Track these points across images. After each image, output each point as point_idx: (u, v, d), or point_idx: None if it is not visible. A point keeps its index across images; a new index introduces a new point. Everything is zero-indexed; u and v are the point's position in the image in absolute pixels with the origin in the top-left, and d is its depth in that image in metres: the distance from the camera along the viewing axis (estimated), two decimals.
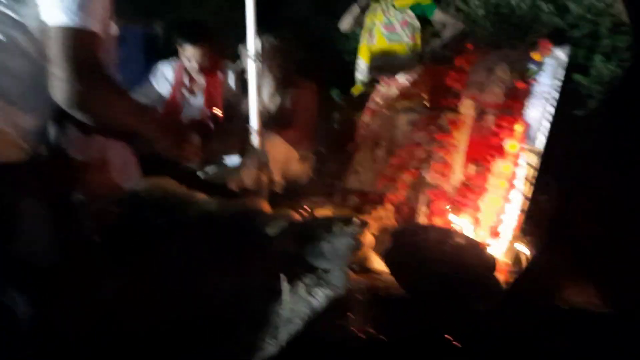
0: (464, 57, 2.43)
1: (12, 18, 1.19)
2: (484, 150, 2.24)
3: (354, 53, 5.67)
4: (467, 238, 1.65)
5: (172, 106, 3.00)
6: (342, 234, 1.71)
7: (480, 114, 2.31)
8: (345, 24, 3.98)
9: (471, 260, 1.52)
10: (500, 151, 2.16)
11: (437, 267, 1.51)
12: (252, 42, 2.34)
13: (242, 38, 2.70)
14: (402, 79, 2.78)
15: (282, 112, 2.96)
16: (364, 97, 3.14)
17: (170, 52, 3.12)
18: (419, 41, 3.73)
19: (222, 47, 3.12)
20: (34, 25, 1.19)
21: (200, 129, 2.98)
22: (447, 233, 1.61)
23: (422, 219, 2.34)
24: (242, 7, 2.33)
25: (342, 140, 2.95)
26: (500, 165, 2.16)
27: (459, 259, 1.51)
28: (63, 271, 1.41)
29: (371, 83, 3.41)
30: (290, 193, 2.43)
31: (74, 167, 1.46)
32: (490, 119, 2.25)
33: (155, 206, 2.21)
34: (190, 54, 2.85)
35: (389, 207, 2.42)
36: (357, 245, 1.72)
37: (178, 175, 2.66)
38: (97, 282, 1.47)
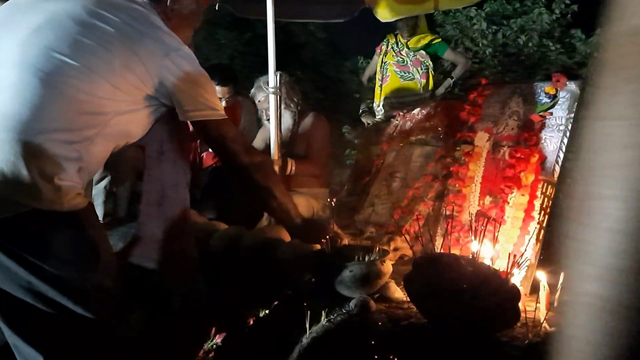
0: (478, 91, 2.49)
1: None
2: (500, 182, 2.27)
3: (362, 92, 5.78)
4: (489, 267, 1.65)
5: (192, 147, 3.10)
6: (363, 262, 1.73)
7: (495, 146, 2.35)
8: (367, 74, 4.16)
9: (495, 289, 1.52)
10: (516, 182, 2.18)
11: (459, 296, 1.51)
12: (273, 77, 2.43)
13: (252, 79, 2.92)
14: (417, 113, 2.84)
15: (298, 144, 3.02)
16: (378, 131, 3.21)
17: None
18: (430, 79, 3.82)
19: (240, 87, 3.28)
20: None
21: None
22: (470, 262, 1.62)
23: (440, 250, 2.35)
24: (256, 53, 2.49)
25: (357, 173, 2.99)
26: (516, 196, 2.18)
27: (482, 288, 1.51)
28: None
29: (386, 118, 3.48)
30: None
31: None
32: (505, 151, 2.28)
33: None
34: (218, 95, 3.00)
35: (406, 238, 2.44)
36: (378, 273, 1.74)
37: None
38: None
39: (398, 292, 1.84)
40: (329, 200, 3.01)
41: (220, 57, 7.62)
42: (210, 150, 3.09)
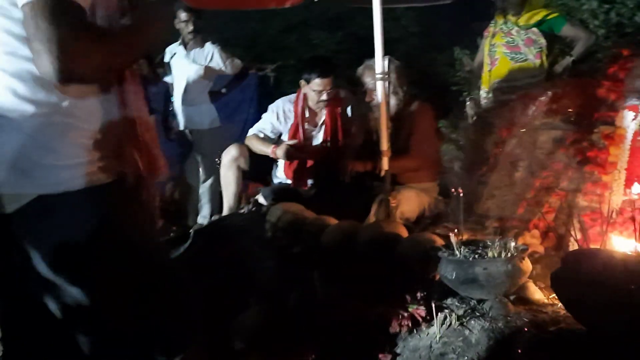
0: (619, 64, 2.17)
1: None
2: None
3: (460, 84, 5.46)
4: None
5: (296, 137, 3.03)
6: (500, 259, 1.53)
7: None
8: (478, 61, 3.88)
9: None
10: None
11: (626, 298, 1.27)
12: (380, 61, 2.29)
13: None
14: (540, 94, 2.55)
15: (403, 135, 2.86)
16: (491, 119, 2.95)
17: (280, 93, 3.24)
18: (545, 59, 3.47)
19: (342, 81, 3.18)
20: None
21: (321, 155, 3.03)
22: (633, 259, 1.36)
23: (575, 246, 2.08)
24: (348, 50, 2.37)
25: (471, 164, 2.76)
26: None
27: None
28: None
29: (498, 105, 3.21)
30: (424, 224, 2.31)
31: None
32: None
33: (288, 232, 2.19)
34: (319, 87, 2.91)
35: (535, 233, 2.19)
36: (518, 272, 1.53)
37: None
38: None
39: (538, 293, 1.61)
40: (438, 194, 2.81)
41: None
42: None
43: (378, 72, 2.41)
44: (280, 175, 3.09)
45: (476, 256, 1.57)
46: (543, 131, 2.40)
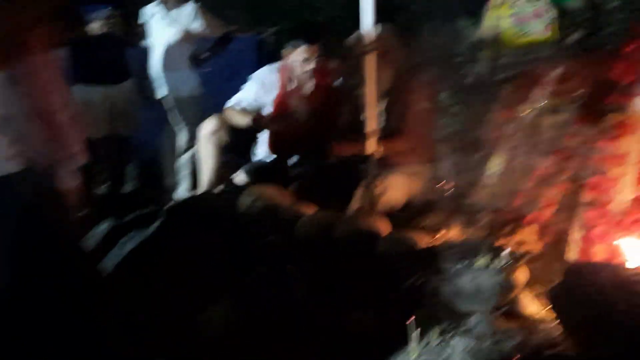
0: (635, 42, 1.93)
1: None
2: None
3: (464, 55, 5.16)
4: None
5: (281, 108, 2.80)
6: (489, 269, 1.33)
7: None
8: (481, 33, 3.57)
9: None
10: None
11: (629, 320, 1.09)
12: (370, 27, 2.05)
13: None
14: (546, 73, 2.31)
15: (396, 114, 2.64)
16: (491, 97, 2.72)
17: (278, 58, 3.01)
18: (555, 32, 3.20)
19: (334, 48, 2.93)
20: None
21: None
22: None
23: (576, 246, 1.89)
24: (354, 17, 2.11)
25: (466, 147, 2.54)
26: None
27: None
28: None
29: (502, 82, 2.96)
30: (412, 212, 2.10)
31: None
32: None
33: (260, 221, 1.99)
34: (306, 55, 2.67)
35: (532, 229, 1.99)
36: (509, 284, 1.34)
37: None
38: None
39: (533, 306, 1.42)
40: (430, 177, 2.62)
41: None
42: None
43: (366, 40, 2.17)
44: (261, 152, 2.88)
45: (464, 264, 1.37)
46: (547, 115, 2.18)
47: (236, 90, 3.09)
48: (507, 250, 1.43)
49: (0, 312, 0.99)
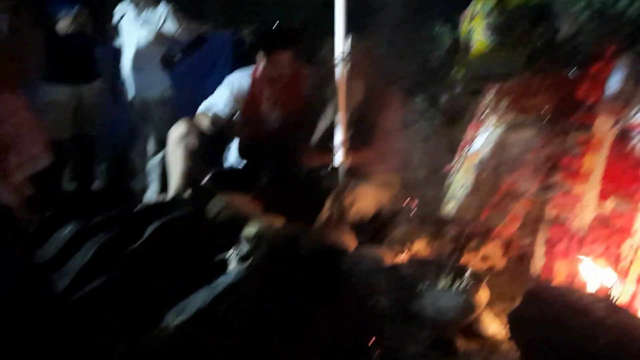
0: (600, 63, 1.96)
1: None
2: (628, 182, 1.77)
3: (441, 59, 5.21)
4: (630, 314, 1.21)
5: (251, 114, 2.76)
6: (451, 291, 1.33)
7: (623, 134, 1.84)
8: (454, 43, 3.58)
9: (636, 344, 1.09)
10: None
11: (589, 348, 1.10)
12: (341, 41, 2.03)
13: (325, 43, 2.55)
14: (515, 87, 2.34)
15: (366, 124, 2.63)
16: (462, 110, 2.73)
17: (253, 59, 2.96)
18: (530, 44, 3.23)
19: (307, 54, 2.90)
20: None
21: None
22: (609, 306, 1.18)
23: (539, 262, 1.92)
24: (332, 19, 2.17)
25: (436, 159, 2.55)
26: None
27: (619, 341, 1.08)
28: None
29: (471, 94, 2.98)
30: (379, 225, 2.10)
31: None
32: (638, 143, 1.77)
33: (227, 231, 1.95)
34: (278, 61, 2.61)
35: (497, 244, 2.01)
36: (470, 307, 1.35)
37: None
38: None
39: (493, 326, 1.43)
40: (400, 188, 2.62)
41: (291, 23, 7.19)
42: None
43: (338, 53, 2.15)
44: (233, 158, 2.84)
45: (425, 285, 1.37)
46: (515, 130, 2.20)
47: (209, 92, 3.04)
48: (470, 271, 1.43)
49: None
